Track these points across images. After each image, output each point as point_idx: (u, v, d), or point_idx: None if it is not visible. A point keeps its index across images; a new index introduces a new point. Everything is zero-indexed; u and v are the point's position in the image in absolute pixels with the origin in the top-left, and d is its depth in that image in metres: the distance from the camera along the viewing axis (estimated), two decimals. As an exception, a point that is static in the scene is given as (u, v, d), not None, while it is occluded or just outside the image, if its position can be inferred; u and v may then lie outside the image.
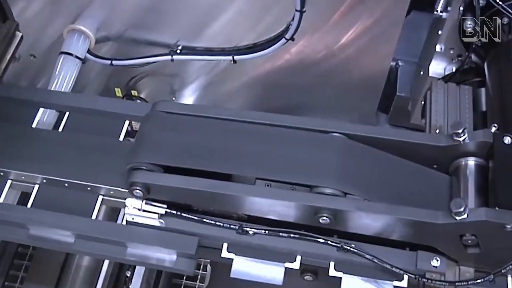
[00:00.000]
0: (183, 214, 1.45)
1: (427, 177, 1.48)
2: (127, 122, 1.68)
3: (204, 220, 1.45)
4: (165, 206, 1.45)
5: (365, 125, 1.51)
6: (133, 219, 1.47)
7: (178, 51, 2.11)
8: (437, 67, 2.01)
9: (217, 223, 1.44)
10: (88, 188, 1.57)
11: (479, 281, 1.33)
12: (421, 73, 2.09)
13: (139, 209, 1.45)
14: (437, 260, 1.40)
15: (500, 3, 1.72)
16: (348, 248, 1.40)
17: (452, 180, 1.47)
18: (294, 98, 2.30)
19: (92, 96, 2.34)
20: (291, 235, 1.42)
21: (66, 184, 1.57)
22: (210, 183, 1.40)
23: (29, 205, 1.58)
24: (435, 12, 1.93)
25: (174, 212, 1.45)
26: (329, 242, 1.41)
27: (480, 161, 1.45)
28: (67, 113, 1.74)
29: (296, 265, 1.46)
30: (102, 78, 2.38)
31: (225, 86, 2.33)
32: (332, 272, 1.45)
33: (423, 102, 1.81)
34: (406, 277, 1.42)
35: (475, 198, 1.41)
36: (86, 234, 1.51)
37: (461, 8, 1.86)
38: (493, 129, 1.45)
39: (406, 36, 2.13)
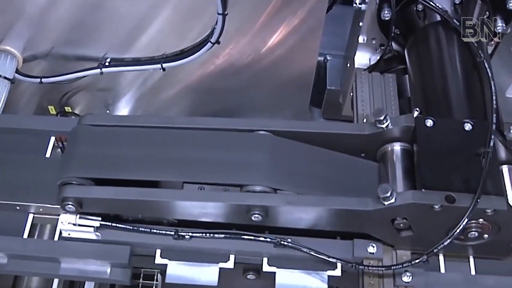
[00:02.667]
0: (118, 225, 1.45)
1: (356, 166, 1.51)
2: (52, 138, 1.65)
3: (140, 229, 1.45)
4: (100, 218, 1.45)
5: (290, 121, 1.53)
6: (69, 234, 1.47)
7: (107, 64, 2.09)
8: (363, 58, 2.03)
9: (153, 231, 1.45)
10: (18, 208, 1.55)
11: (413, 262, 1.36)
12: (348, 65, 2.11)
13: (74, 224, 1.45)
14: (373, 247, 1.43)
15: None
16: (285, 243, 1.41)
17: (380, 166, 1.50)
18: (229, 101, 2.31)
19: (16, 115, 2.28)
20: (228, 236, 1.43)
21: (-6, 206, 1.56)
22: (139, 191, 1.40)
23: (-42, 230, 1.55)
24: (354, 5, 1.95)
25: (109, 223, 1.45)
26: (267, 239, 1.42)
27: (405, 146, 1.48)
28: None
29: (230, 264, 1.47)
30: (35, 97, 2.34)
31: (160, 96, 2.32)
32: (266, 268, 1.46)
33: (351, 94, 1.84)
34: (339, 265, 1.44)
35: (403, 182, 1.44)
36: (18, 253, 1.50)
37: (378, -1, 1.90)
38: (415, 114, 1.48)
39: (331, 30, 2.17)
